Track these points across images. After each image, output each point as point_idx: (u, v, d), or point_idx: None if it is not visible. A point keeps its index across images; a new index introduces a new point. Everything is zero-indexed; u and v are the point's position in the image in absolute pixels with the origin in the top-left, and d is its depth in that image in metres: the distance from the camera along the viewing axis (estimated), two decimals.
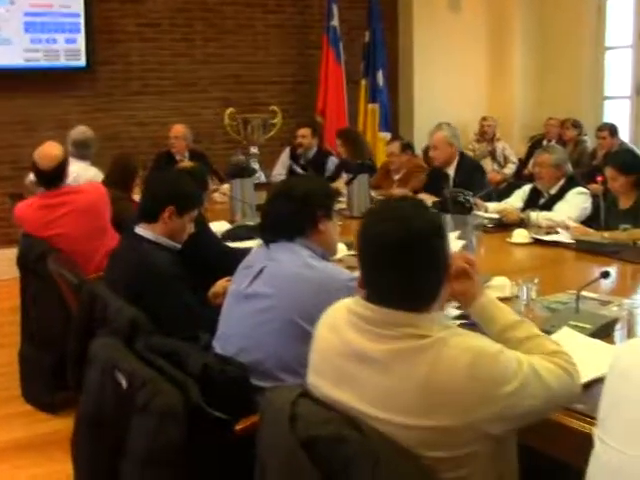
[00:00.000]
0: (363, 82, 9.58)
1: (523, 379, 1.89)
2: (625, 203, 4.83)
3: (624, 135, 9.05)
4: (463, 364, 1.83)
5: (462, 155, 6.27)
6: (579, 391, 2.08)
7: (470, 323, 2.67)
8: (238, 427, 2.49)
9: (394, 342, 1.89)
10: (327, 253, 2.99)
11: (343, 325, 2.00)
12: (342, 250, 3.98)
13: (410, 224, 1.93)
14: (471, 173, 6.01)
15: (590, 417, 2.04)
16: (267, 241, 2.94)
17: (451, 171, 6.07)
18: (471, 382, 1.82)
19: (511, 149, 9.78)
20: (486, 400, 1.83)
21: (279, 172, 7.62)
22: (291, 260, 2.83)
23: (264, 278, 2.85)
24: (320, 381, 2.02)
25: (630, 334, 2.72)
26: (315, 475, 1.84)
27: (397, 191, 6.08)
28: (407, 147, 6.99)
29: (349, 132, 7.76)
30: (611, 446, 1.67)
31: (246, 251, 3.22)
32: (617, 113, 9.65)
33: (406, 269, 1.92)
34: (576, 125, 9.28)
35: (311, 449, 1.86)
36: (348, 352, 1.96)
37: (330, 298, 2.16)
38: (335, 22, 9.32)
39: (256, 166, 7.18)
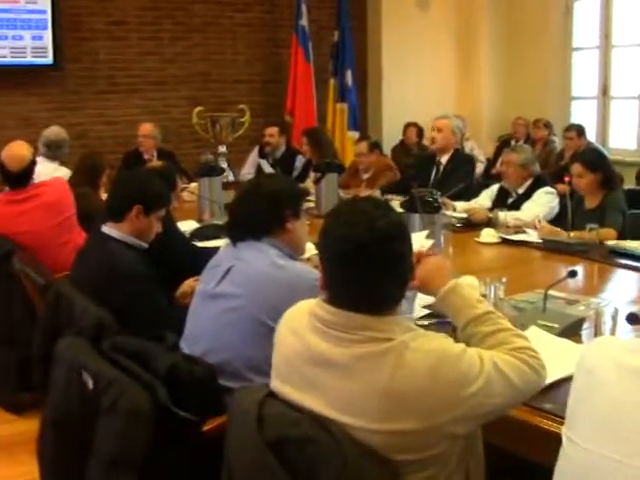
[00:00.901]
0: (332, 81, 9.60)
1: (487, 378, 1.89)
2: (591, 203, 4.86)
3: (591, 135, 9.11)
4: (426, 367, 1.83)
5: (457, 150, 6.25)
6: (543, 385, 2.08)
7: (441, 322, 2.69)
8: (206, 428, 2.47)
9: (356, 346, 1.87)
10: (295, 252, 2.98)
11: (305, 328, 1.98)
12: (310, 249, 3.96)
13: (373, 226, 1.90)
14: (463, 165, 6.04)
15: (559, 417, 2.05)
16: (234, 240, 2.93)
17: (444, 159, 6.06)
18: (434, 386, 1.82)
19: (479, 148, 9.83)
20: (450, 403, 1.83)
21: (248, 171, 7.60)
22: (258, 259, 2.82)
23: (231, 278, 2.83)
24: (283, 386, 2.00)
25: (597, 333, 2.73)
26: (282, 476, 1.83)
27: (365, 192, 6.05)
28: (375, 146, 6.99)
29: (313, 131, 7.75)
30: (577, 443, 1.68)
31: (214, 250, 3.20)
32: (584, 114, 9.72)
33: (368, 272, 1.89)
34: (547, 125, 9.34)
35: (279, 450, 1.84)
36: (310, 356, 1.94)
37: (298, 297, 2.14)
38: (304, 21, 9.33)
39: (224, 165, 7.15)
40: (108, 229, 3.48)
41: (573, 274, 3.07)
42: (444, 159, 6.07)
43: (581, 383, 1.75)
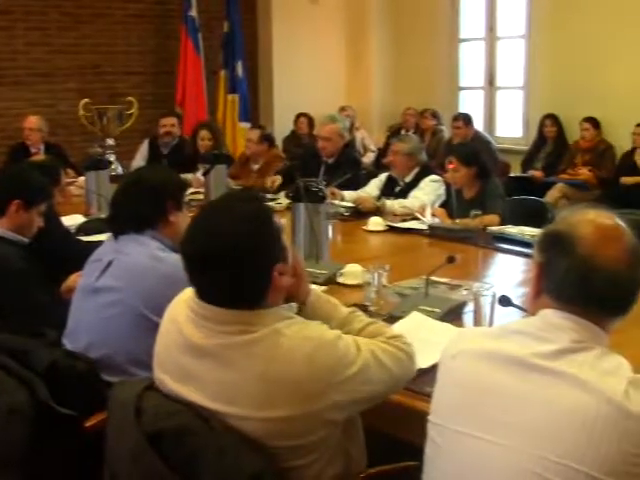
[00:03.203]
0: (222, 73, 9.57)
1: (363, 363, 1.91)
2: (468, 193, 4.98)
3: (478, 124, 9.32)
4: (302, 354, 1.84)
5: (345, 148, 6.19)
6: (415, 371, 2.14)
7: None
8: (88, 424, 2.44)
9: (229, 337, 1.88)
10: (177, 245, 2.95)
11: (183, 319, 1.98)
12: None
13: (234, 223, 1.91)
14: (349, 167, 5.89)
15: None
16: (116, 233, 2.89)
17: (331, 160, 6.03)
18: (310, 371, 1.84)
19: (370, 138, 9.95)
20: (326, 389, 1.85)
21: (138, 164, 7.47)
22: (139, 252, 2.78)
23: (112, 271, 2.79)
24: (164, 376, 2.00)
25: (477, 317, 2.79)
26: (162, 469, 1.82)
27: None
28: (266, 139, 6.96)
29: (213, 124, 7.71)
30: (446, 427, 1.74)
31: (99, 245, 3.16)
32: (472, 103, 9.93)
33: (224, 271, 1.88)
34: (435, 115, 9.52)
35: (158, 443, 1.84)
36: (188, 347, 1.94)
37: (177, 290, 2.13)
38: (193, 12, 9.26)
39: (112, 158, 7.05)
40: None
41: (452, 260, 3.13)
42: (331, 160, 6.04)
43: (445, 370, 1.81)
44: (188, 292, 2.02)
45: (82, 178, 6.08)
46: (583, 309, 1.67)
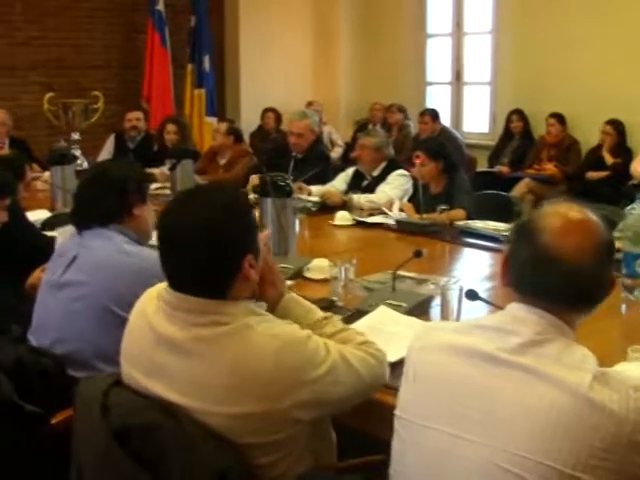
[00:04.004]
0: (189, 67, 9.51)
1: (332, 364, 1.91)
2: (435, 188, 4.99)
3: (445, 120, 9.36)
4: (271, 351, 1.84)
5: (314, 143, 6.15)
6: (387, 377, 2.12)
7: None
8: (54, 421, 2.42)
9: (199, 329, 1.87)
10: (142, 238, 2.93)
11: (153, 312, 1.97)
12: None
13: (207, 208, 1.92)
14: (318, 162, 5.89)
15: None
16: (80, 228, 2.86)
17: (299, 155, 6.00)
18: (278, 369, 1.83)
19: (337, 133, 9.95)
20: (294, 387, 1.84)
21: (104, 159, 7.44)
22: (104, 246, 2.77)
23: (77, 266, 2.77)
24: (133, 371, 1.98)
25: (445, 311, 2.80)
26: (129, 465, 1.81)
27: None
28: (233, 133, 6.93)
29: (180, 118, 7.67)
30: (413, 422, 1.74)
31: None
32: (439, 99, 9.96)
33: (194, 258, 1.88)
34: (401, 110, 9.53)
35: (125, 439, 1.82)
36: (157, 340, 1.92)
37: (146, 284, 2.12)
38: (160, 6, 9.21)
39: (78, 153, 6.99)
40: None
41: (419, 254, 3.14)
42: (301, 155, 6.01)
43: (411, 364, 1.81)
44: (160, 286, 2.01)
45: (47, 173, 6.02)
46: (545, 302, 1.67)
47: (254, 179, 5.91)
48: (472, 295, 2.65)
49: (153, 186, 5.32)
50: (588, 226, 1.70)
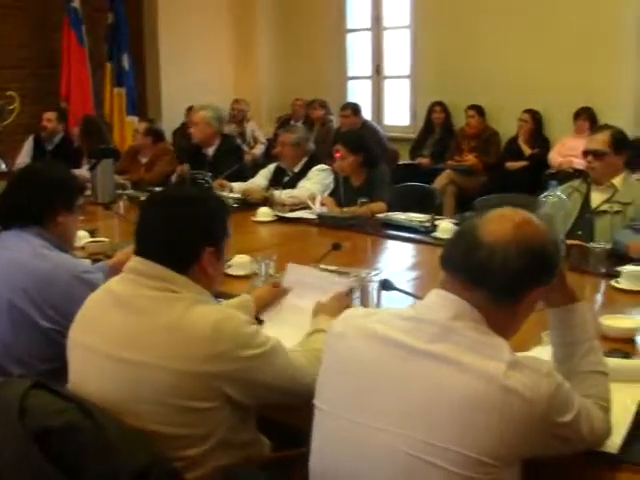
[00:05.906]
0: (108, 65, 9.37)
1: (270, 350, 2.01)
2: (356, 181, 5.04)
3: (367, 113, 9.42)
4: (212, 319, 1.95)
5: (224, 138, 6.22)
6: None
7: None
8: None
9: (152, 291, 2.00)
10: (63, 245, 2.89)
11: (115, 282, 2.11)
12: (85, 237, 3.92)
13: (185, 194, 2.19)
14: (229, 155, 5.97)
15: None
16: (2, 227, 2.83)
17: (210, 151, 6.03)
18: (215, 335, 1.92)
19: (260, 130, 9.94)
20: (227, 356, 1.93)
21: (23, 161, 7.33)
22: (19, 249, 2.73)
23: None
24: (74, 331, 2.10)
25: (364, 302, 2.83)
26: (48, 469, 1.79)
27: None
28: (152, 132, 6.85)
29: (97, 118, 7.58)
30: (328, 411, 1.77)
31: None
32: (360, 93, 10.03)
33: (163, 224, 2.06)
34: (323, 105, 9.56)
35: (44, 442, 1.81)
36: (112, 303, 2.04)
37: (56, 288, 2.13)
38: (76, 3, 9.05)
39: None
40: None
41: (337, 247, 3.17)
42: (210, 151, 6.05)
43: (330, 349, 1.83)
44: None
45: None
46: (452, 275, 1.72)
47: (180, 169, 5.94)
48: (387, 285, 2.69)
49: None
50: (522, 219, 1.72)
